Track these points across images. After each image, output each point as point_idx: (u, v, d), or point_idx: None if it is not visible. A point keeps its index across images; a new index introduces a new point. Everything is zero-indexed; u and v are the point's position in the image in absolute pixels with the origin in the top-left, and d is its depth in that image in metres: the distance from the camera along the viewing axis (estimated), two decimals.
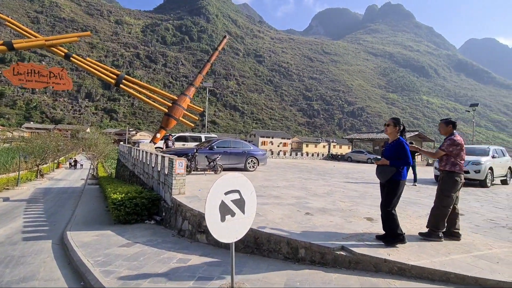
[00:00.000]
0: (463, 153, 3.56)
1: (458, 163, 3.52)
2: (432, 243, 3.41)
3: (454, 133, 3.65)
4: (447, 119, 3.77)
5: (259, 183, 8.21)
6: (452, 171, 3.52)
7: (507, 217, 5.17)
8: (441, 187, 3.58)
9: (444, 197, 3.51)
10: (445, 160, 3.61)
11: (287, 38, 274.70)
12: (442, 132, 3.75)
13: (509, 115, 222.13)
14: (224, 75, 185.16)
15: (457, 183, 3.50)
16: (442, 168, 3.64)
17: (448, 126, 3.69)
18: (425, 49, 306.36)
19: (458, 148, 3.53)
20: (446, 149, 3.59)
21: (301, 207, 5.06)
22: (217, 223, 2.10)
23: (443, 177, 3.60)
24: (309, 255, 3.19)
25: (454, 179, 3.49)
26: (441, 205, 3.50)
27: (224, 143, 11.39)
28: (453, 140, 3.56)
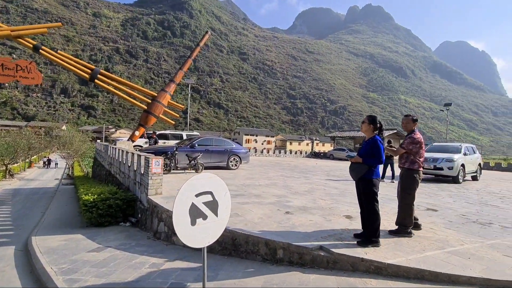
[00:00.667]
0: (422, 150, 3.63)
1: (417, 161, 3.58)
2: (407, 240, 3.45)
3: (415, 131, 3.70)
4: (414, 116, 3.81)
5: (240, 181, 8.09)
6: (411, 169, 3.59)
7: (477, 212, 5.38)
8: (401, 185, 3.67)
9: (405, 195, 3.60)
10: (404, 158, 3.67)
11: (271, 36, 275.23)
12: (407, 128, 3.79)
13: (479, 114, 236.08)
14: (208, 72, 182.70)
15: (416, 180, 3.58)
16: (401, 166, 3.72)
17: (415, 123, 3.76)
18: (403, 50, 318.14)
19: (418, 146, 3.58)
20: (406, 147, 3.64)
21: (281, 206, 5.00)
22: (187, 227, 1.96)
23: (403, 174, 3.68)
24: (287, 256, 3.11)
25: (413, 176, 3.56)
26: (404, 203, 3.59)
27: (206, 141, 11.15)
28: (413, 138, 3.61)
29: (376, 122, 3.32)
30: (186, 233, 1.95)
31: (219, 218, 2.20)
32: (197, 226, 2.03)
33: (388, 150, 4.01)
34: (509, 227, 4.30)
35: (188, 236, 1.96)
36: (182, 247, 4.01)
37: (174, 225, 1.88)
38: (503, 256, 3.03)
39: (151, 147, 10.61)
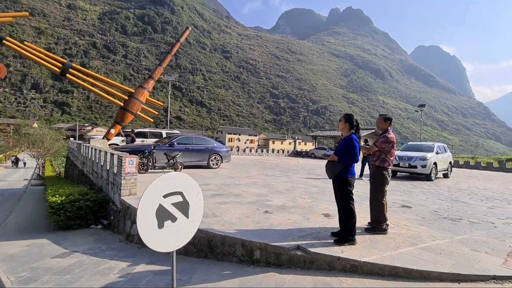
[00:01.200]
0: (393, 150, 3.73)
1: (387, 159, 3.68)
2: (382, 237, 3.49)
3: (389, 130, 3.78)
4: (386, 115, 3.89)
5: (220, 181, 7.94)
6: (381, 166, 3.68)
7: (448, 208, 5.61)
8: (372, 182, 3.78)
9: (376, 192, 3.70)
10: (376, 156, 3.76)
11: (255, 35, 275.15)
12: (380, 126, 3.88)
13: (450, 115, 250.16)
14: (190, 69, 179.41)
15: (386, 178, 3.67)
16: (373, 163, 3.81)
17: (386, 122, 3.83)
18: (381, 53, 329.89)
19: (390, 145, 3.67)
20: (379, 146, 3.72)
21: (261, 205, 4.93)
22: (154, 231, 1.82)
23: (374, 171, 3.79)
24: (264, 256, 3.04)
25: (383, 173, 3.65)
26: (375, 200, 3.67)
27: (186, 139, 10.87)
28: (386, 138, 3.68)
29: (352, 120, 3.32)
30: (153, 237, 1.81)
31: (190, 219, 2.08)
32: (165, 229, 1.89)
33: (363, 148, 4.05)
34: (476, 223, 4.50)
35: (154, 240, 1.82)
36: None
37: (138, 228, 1.74)
38: (471, 251, 3.14)
39: (127, 146, 10.18)
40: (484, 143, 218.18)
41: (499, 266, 2.75)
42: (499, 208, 5.87)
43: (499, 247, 3.33)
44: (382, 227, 3.63)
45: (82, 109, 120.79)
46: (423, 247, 3.19)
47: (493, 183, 11.35)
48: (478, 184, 10.59)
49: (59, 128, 58.31)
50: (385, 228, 3.64)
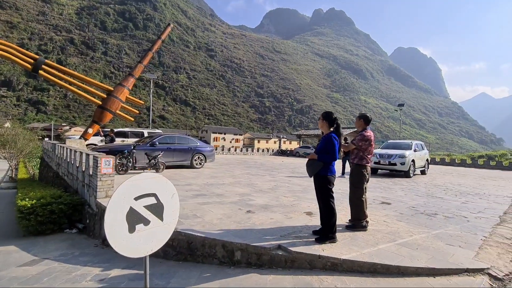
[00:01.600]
0: (371, 148, 3.78)
1: (365, 157, 3.73)
2: (362, 233, 3.54)
3: (366, 129, 3.84)
4: (363, 114, 3.96)
5: (204, 180, 7.80)
6: (359, 164, 3.74)
7: (425, 204, 5.81)
8: (351, 180, 3.83)
9: (355, 189, 3.76)
10: (355, 154, 3.82)
11: (239, 34, 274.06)
12: (358, 125, 3.95)
13: (427, 114, 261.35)
14: (174, 68, 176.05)
15: (364, 175, 3.71)
16: (352, 161, 3.88)
17: (360, 120, 3.90)
18: (363, 53, 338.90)
19: (367, 143, 3.72)
20: (356, 143, 3.79)
21: (243, 205, 4.87)
22: (124, 235, 1.71)
23: (352, 169, 3.86)
24: (245, 257, 2.99)
25: (361, 171, 3.71)
26: (355, 197, 3.73)
27: (168, 139, 10.61)
28: (363, 136, 3.75)
29: (330, 118, 3.33)
30: (123, 242, 1.70)
31: (164, 222, 1.99)
32: (136, 233, 1.79)
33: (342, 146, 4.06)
34: (450, 217, 4.68)
35: (125, 246, 1.71)
36: None
37: (106, 234, 1.63)
38: (445, 245, 3.24)
39: (105, 146, 9.79)
40: (458, 141, 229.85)
41: (472, 259, 2.85)
42: (471, 203, 6.15)
43: (472, 240, 3.47)
44: (362, 224, 3.68)
45: (59, 108, 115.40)
46: (401, 242, 3.25)
47: (467, 179, 11.93)
48: (453, 180, 11.08)
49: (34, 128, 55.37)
50: (365, 225, 3.69)
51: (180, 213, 4.14)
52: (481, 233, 3.81)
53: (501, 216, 4.99)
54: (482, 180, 11.58)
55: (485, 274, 2.62)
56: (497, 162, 22.95)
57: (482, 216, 4.85)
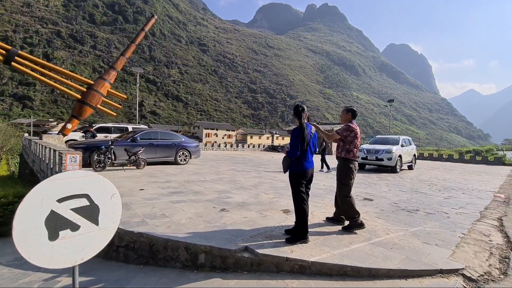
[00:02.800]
0: (357, 141, 3.56)
1: (352, 150, 3.51)
2: (338, 233, 3.37)
3: (352, 121, 3.65)
4: (348, 107, 3.77)
5: (185, 177, 7.54)
6: (346, 158, 3.51)
7: (408, 199, 5.71)
8: (338, 176, 3.60)
9: (342, 186, 3.53)
10: (341, 147, 3.61)
11: (232, 29, 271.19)
12: (343, 118, 3.75)
13: (418, 110, 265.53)
14: (165, 62, 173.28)
15: (352, 170, 3.49)
16: (338, 155, 3.64)
17: (348, 113, 3.69)
18: (355, 50, 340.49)
19: (352, 134, 3.51)
20: (340, 133, 3.58)
21: (219, 203, 4.65)
22: (43, 244, 1.47)
23: (339, 165, 3.62)
24: (209, 260, 2.78)
25: (349, 166, 3.49)
26: (342, 195, 3.51)
27: (150, 134, 10.27)
28: (348, 126, 3.56)
29: (296, 110, 3.12)
30: (41, 252, 1.46)
31: (101, 227, 1.74)
32: (60, 241, 1.54)
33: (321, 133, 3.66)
34: (431, 213, 4.57)
35: (44, 255, 1.47)
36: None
37: (15, 243, 1.38)
38: (422, 243, 3.10)
39: (82, 141, 9.39)
40: (447, 136, 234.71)
41: (447, 259, 2.71)
42: (454, 198, 6.09)
43: (449, 238, 3.34)
44: (358, 222, 3.42)
45: (46, 103, 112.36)
46: (376, 242, 3.10)
47: (452, 174, 12.00)
48: (439, 175, 11.11)
49: (20, 123, 53.64)
50: (361, 222, 3.44)
51: (148, 213, 3.91)
52: (460, 230, 3.70)
53: (482, 211, 4.92)
54: (467, 175, 11.66)
55: (459, 275, 2.48)
56: (483, 157, 23.35)
57: (463, 212, 4.76)
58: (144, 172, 8.19)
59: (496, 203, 5.84)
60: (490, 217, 4.52)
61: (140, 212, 3.89)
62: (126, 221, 3.45)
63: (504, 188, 8.16)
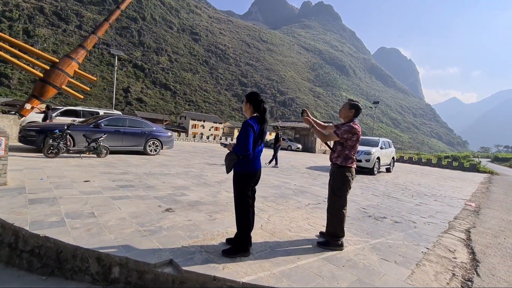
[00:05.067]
0: (358, 145, 2.99)
1: (351, 156, 2.91)
2: (287, 245, 2.95)
3: (354, 120, 3.02)
4: (353, 101, 3.09)
5: (147, 169, 6.95)
6: (343, 166, 2.89)
7: (378, 205, 5.41)
8: (332, 187, 2.99)
9: (336, 198, 2.94)
10: (338, 151, 2.96)
11: (226, 20, 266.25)
12: (342, 115, 3.08)
13: (403, 114, 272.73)
14: (155, 49, 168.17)
15: (349, 180, 2.90)
16: (333, 161, 2.99)
17: (351, 110, 3.02)
18: (347, 50, 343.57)
19: (354, 138, 2.89)
20: (340, 135, 2.89)
21: (168, 201, 4.14)
22: None
23: (334, 172, 2.99)
24: (124, 275, 2.28)
25: (345, 175, 2.89)
26: (334, 208, 2.96)
27: (117, 120, 9.52)
28: (351, 127, 2.88)
29: (255, 99, 2.62)
30: None
31: None
32: None
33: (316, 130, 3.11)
34: (398, 222, 4.26)
35: None
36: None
37: None
38: (380, 260, 2.73)
39: (36, 124, 8.55)
40: (429, 141, 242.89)
41: (403, 282, 2.34)
42: (425, 205, 5.87)
43: (411, 253, 3.00)
44: (338, 243, 2.89)
45: (25, 83, 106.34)
46: (328, 256, 2.70)
47: (428, 178, 12.00)
48: (414, 180, 11.04)
49: None
50: (342, 243, 2.91)
51: (73, 211, 3.34)
52: (424, 243, 3.38)
53: (450, 221, 4.68)
54: (442, 181, 11.68)
55: None
56: (459, 163, 23.93)
57: (431, 222, 4.49)
58: (103, 161, 7.52)
59: (466, 212, 5.66)
60: (458, 229, 4.26)
61: (65, 209, 3.32)
62: (39, 220, 2.88)
63: (476, 196, 8.10)
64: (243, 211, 2.54)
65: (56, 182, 4.62)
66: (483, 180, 14.01)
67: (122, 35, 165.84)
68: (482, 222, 4.90)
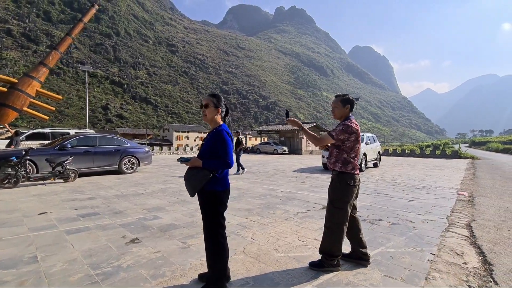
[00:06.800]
0: (358, 146, 2.50)
1: (351, 160, 2.44)
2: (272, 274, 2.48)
3: (350, 117, 2.54)
4: (345, 96, 2.59)
5: (120, 190, 6.29)
6: (343, 172, 2.43)
7: (371, 205, 5.06)
8: (331, 197, 2.49)
9: (335, 210, 2.43)
10: (335, 155, 2.50)
11: (202, 30, 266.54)
12: (337, 115, 2.59)
13: (382, 109, 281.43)
14: (132, 63, 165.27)
15: (351, 188, 2.41)
16: (332, 167, 2.53)
17: (346, 106, 2.54)
18: (323, 51, 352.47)
19: (352, 138, 2.43)
20: (336, 136, 2.42)
21: (135, 229, 3.56)
22: None
23: (333, 180, 2.52)
24: None
25: (346, 183, 2.41)
26: (332, 221, 2.44)
27: (87, 140, 8.79)
28: (347, 126, 2.42)
29: (220, 102, 2.19)
30: None
31: None
32: None
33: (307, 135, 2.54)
34: (396, 223, 3.90)
35: None
36: None
37: None
38: (383, 278, 2.30)
39: None
40: (409, 132, 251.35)
41: None
42: (419, 200, 5.59)
43: (417, 263, 2.61)
44: (334, 263, 2.43)
45: None
46: (323, 282, 2.24)
47: (415, 170, 11.94)
48: (402, 172, 10.92)
49: None
50: (337, 263, 2.45)
51: (13, 255, 2.71)
52: (428, 248, 3.01)
53: (448, 216, 4.38)
54: (429, 171, 11.65)
55: None
56: (442, 151, 24.47)
57: (429, 219, 4.16)
58: (70, 187, 6.78)
59: (461, 203, 5.42)
60: (459, 224, 3.95)
61: (1, 254, 2.70)
62: None
63: (465, 184, 7.99)
64: (217, 240, 2.05)
65: (2, 219, 3.94)
66: (467, 166, 14.19)
67: (96, 52, 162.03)
68: (480, 213, 4.64)
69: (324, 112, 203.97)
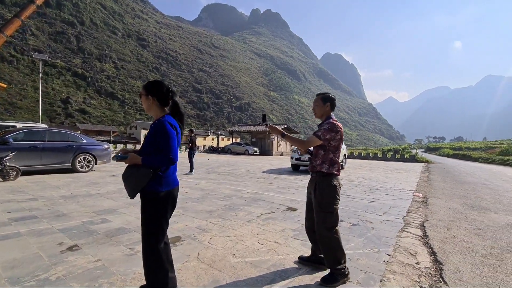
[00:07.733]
0: (341, 146, 2.41)
1: (337, 160, 2.36)
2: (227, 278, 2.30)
3: (332, 116, 2.43)
4: (326, 94, 2.47)
5: (69, 191, 5.67)
6: (330, 173, 2.31)
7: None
8: (319, 201, 2.30)
9: (325, 215, 2.27)
10: (321, 156, 2.36)
11: (175, 25, 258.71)
12: (318, 113, 2.47)
13: (350, 114, 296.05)
14: (97, 55, 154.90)
15: (337, 190, 2.32)
16: (318, 168, 2.36)
17: (326, 104, 2.42)
18: (297, 56, 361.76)
19: (338, 137, 2.31)
20: (322, 136, 2.30)
21: (76, 234, 3.16)
22: None
23: (318, 182, 2.34)
24: None
25: (332, 184, 2.30)
26: (324, 227, 2.26)
27: (34, 134, 7.88)
28: (332, 124, 2.31)
29: (160, 90, 1.92)
30: None
31: None
32: None
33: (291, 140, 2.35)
34: (356, 224, 3.94)
35: None
36: None
37: None
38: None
39: None
40: (373, 137, 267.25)
41: None
42: (378, 201, 5.79)
43: (373, 265, 2.61)
44: (344, 271, 2.24)
45: None
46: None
47: (377, 172, 12.55)
48: (365, 174, 11.40)
49: None
50: (346, 267, 2.27)
51: None
52: (385, 248, 3.04)
53: (404, 216, 4.56)
54: (389, 173, 12.31)
55: None
56: (401, 156, 26.22)
57: (387, 219, 4.28)
58: (9, 186, 5.99)
59: (416, 204, 5.71)
60: (413, 224, 4.11)
61: None
62: None
63: (420, 186, 8.52)
64: (157, 248, 1.81)
65: None
66: (423, 169, 15.30)
67: (57, 40, 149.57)
68: (432, 213, 4.90)
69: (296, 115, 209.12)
